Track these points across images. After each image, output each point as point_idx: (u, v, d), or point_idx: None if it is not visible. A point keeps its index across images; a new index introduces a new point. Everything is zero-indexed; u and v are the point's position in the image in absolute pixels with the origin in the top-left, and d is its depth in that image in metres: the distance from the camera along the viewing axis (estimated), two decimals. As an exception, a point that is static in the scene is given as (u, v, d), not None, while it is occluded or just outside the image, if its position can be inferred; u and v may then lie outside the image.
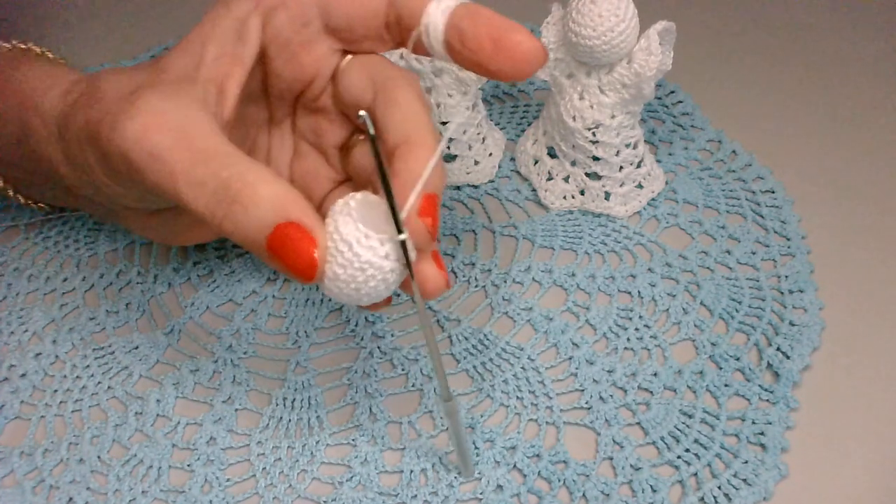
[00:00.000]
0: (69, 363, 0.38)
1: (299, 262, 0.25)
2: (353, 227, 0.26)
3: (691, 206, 0.43)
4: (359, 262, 0.26)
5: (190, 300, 0.40)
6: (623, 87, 0.39)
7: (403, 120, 0.29)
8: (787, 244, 0.41)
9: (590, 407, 0.35)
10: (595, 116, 0.40)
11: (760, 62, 0.52)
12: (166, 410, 0.36)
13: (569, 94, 0.41)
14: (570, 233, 0.42)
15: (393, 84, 0.30)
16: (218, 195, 0.26)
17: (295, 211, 0.26)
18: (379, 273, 0.26)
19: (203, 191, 0.26)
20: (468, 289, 0.40)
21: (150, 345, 0.38)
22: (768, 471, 0.32)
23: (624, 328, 0.38)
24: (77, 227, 0.44)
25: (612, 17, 0.37)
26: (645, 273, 0.40)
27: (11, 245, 0.43)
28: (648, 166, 0.43)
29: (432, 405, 0.35)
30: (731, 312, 0.38)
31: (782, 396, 0.35)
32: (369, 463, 0.34)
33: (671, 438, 0.34)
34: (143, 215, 0.36)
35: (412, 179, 0.27)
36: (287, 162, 0.35)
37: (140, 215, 0.36)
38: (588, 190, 0.42)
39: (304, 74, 0.32)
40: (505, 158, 0.46)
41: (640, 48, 0.38)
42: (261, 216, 0.26)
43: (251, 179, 0.26)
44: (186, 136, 0.27)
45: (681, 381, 0.36)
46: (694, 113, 0.48)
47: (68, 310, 0.40)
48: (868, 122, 0.48)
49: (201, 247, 0.42)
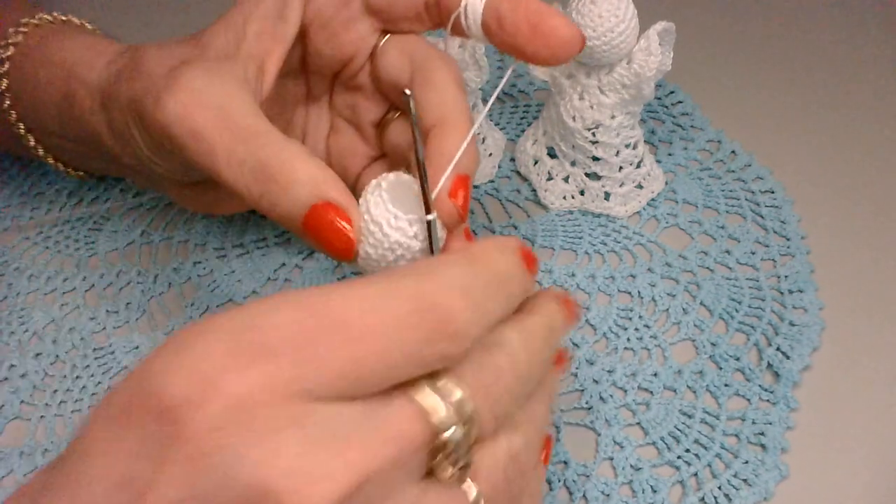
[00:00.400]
0: (69, 363, 0.38)
1: (336, 241, 0.26)
2: (383, 209, 0.26)
3: (691, 207, 0.43)
4: (388, 242, 0.27)
5: (190, 300, 0.40)
6: (623, 87, 0.39)
7: (439, 102, 0.29)
8: (787, 244, 0.41)
9: (590, 407, 0.35)
10: (595, 117, 0.40)
11: (760, 62, 0.52)
12: (166, 410, 0.36)
13: (569, 94, 0.41)
14: (570, 233, 0.42)
15: (431, 65, 0.31)
16: (255, 174, 0.27)
17: (331, 191, 0.26)
18: (408, 253, 0.27)
19: (241, 170, 0.27)
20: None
21: (150, 345, 0.38)
22: (768, 471, 0.32)
23: (624, 328, 0.38)
24: (77, 226, 0.44)
25: (612, 17, 0.37)
26: (645, 273, 0.40)
27: (11, 245, 0.43)
28: (648, 166, 0.43)
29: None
30: (731, 312, 0.38)
31: (782, 396, 0.35)
32: (369, 463, 0.34)
33: (671, 438, 0.34)
34: (183, 185, 0.36)
35: (444, 161, 0.28)
36: (323, 137, 0.35)
37: (181, 185, 0.36)
38: (588, 190, 0.42)
39: (343, 53, 0.32)
40: (505, 158, 0.46)
41: (640, 48, 0.38)
42: (297, 196, 0.26)
43: (288, 158, 0.27)
44: (226, 114, 0.28)
45: (681, 381, 0.36)
46: (694, 113, 0.48)
47: (68, 310, 0.40)
48: (868, 122, 0.48)
49: (202, 246, 0.42)
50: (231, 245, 0.43)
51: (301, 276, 0.41)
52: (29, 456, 0.35)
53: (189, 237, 0.43)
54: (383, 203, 0.27)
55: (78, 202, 0.45)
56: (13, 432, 0.36)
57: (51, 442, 0.35)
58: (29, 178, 0.47)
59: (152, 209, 0.45)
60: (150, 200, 0.45)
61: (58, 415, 0.36)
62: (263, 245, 0.43)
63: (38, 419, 0.36)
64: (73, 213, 0.45)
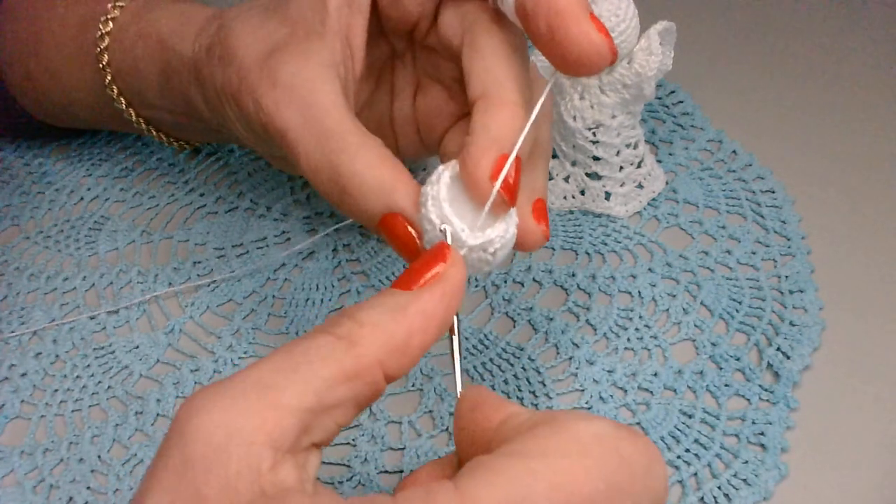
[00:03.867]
0: (70, 363, 0.38)
1: (403, 250, 0.27)
2: (435, 214, 0.26)
3: (692, 206, 0.43)
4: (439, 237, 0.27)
5: (190, 300, 0.40)
6: (624, 87, 0.39)
7: (484, 70, 0.28)
8: (788, 244, 0.41)
9: (590, 407, 0.35)
10: (595, 116, 0.40)
11: (761, 62, 0.52)
12: (166, 410, 0.36)
13: (569, 94, 0.41)
14: (571, 233, 0.42)
15: (480, 28, 0.29)
16: (332, 182, 0.28)
17: (398, 201, 0.27)
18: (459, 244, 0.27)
19: (320, 177, 0.28)
20: (468, 289, 0.40)
21: (150, 344, 0.38)
22: (768, 471, 0.32)
23: (624, 328, 0.38)
24: (77, 226, 0.44)
25: (613, 17, 0.37)
26: (645, 273, 0.40)
27: (11, 245, 0.43)
28: (649, 166, 0.43)
29: (432, 405, 0.35)
30: (732, 312, 0.38)
31: (782, 396, 0.35)
32: (369, 463, 0.34)
33: (671, 438, 0.34)
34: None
35: (487, 140, 0.26)
36: (411, 96, 0.35)
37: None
38: (588, 190, 0.42)
39: (409, 16, 0.32)
40: (505, 158, 0.46)
41: (641, 48, 0.38)
42: (368, 207, 0.27)
43: (359, 169, 0.27)
44: (312, 113, 0.28)
45: (681, 381, 0.36)
46: (694, 113, 0.48)
47: (69, 309, 0.40)
48: (868, 122, 0.48)
49: (202, 246, 0.42)
50: (231, 245, 0.43)
51: (301, 276, 0.41)
52: (29, 455, 0.35)
53: (189, 237, 0.43)
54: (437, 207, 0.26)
55: (78, 202, 0.45)
56: (13, 432, 0.36)
57: (51, 441, 0.35)
58: (29, 177, 0.47)
59: (152, 209, 0.45)
60: (150, 200, 0.45)
61: (58, 414, 0.36)
62: (263, 245, 0.43)
63: (39, 419, 0.36)
64: (73, 213, 0.45)
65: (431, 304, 0.24)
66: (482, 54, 0.28)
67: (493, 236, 0.27)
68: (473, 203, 0.27)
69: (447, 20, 0.30)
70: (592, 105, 0.40)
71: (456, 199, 0.27)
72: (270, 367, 0.22)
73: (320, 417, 0.22)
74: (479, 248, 0.26)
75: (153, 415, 0.36)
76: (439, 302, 0.24)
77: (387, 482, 0.33)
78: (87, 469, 0.34)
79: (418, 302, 0.23)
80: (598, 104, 0.40)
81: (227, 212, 0.44)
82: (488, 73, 0.28)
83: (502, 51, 0.28)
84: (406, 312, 0.23)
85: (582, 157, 0.42)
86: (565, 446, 0.20)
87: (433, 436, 0.35)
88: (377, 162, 0.28)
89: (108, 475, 0.34)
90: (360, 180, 0.27)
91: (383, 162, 0.28)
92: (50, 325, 0.39)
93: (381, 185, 0.27)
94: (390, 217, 0.27)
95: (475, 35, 0.29)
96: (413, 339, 0.23)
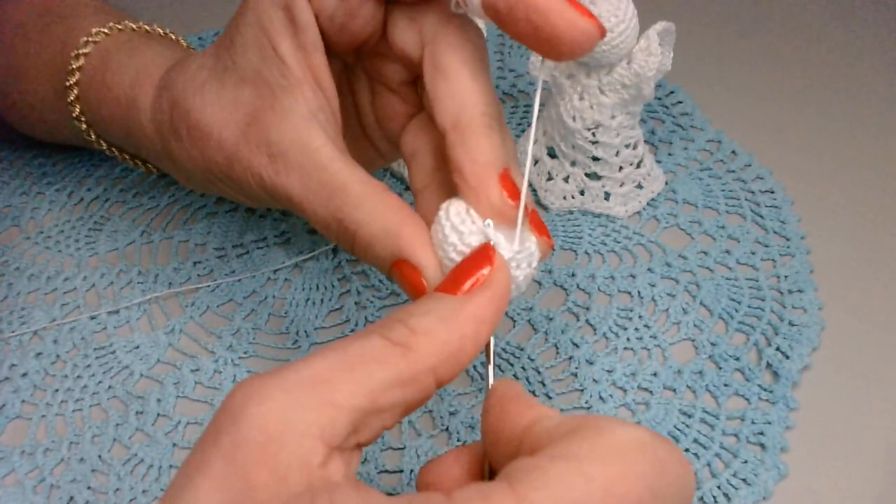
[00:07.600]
0: (70, 363, 0.38)
1: (413, 293, 0.27)
2: (443, 239, 0.27)
3: (691, 207, 0.43)
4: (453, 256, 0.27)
5: (190, 300, 0.40)
6: (623, 87, 0.39)
7: (450, 97, 0.27)
8: (787, 244, 0.41)
9: (590, 407, 0.35)
10: (595, 117, 0.40)
11: (760, 63, 0.52)
12: (167, 410, 0.36)
13: (569, 94, 0.41)
14: (570, 233, 0.42)
15: (441, 43, 0.27)
16: (342, 236, 0.28)
17: (405, 248, 0.27)
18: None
19: (330, 233, 0.29)
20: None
21: (150, 344, 0.38)
22: (768, 471, 0.33)
23: (624, 328, 0.38)
24: (77, 226, 0.44)
25: (612, 17, 0.37)
26: (645, 273, 0.40)
27: (11, 245, 0.43)
28: (648, 166, 0.43)
29: (432, 405, 0.36)
30: (731, 312, 0.38)
31: (782, 396, 0.35)
32: (369, 463, 0.34)
33: (671, 438, 0.34)
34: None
35: (481, 169, 0.26)
36: (369, 103, 0.34)
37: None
38: (588, 190, 0.43)
39: (357, 38, 0.31)
40: (505, 158, 0.46)
41: (640, 48, 0.38)
42: (377, 256, 0.28)
43: (363, 219, 0.28)
44: (308, 173, 0.29)
45: (680, 380, 0.36)
46: (694, 113, 0.48)
47: (69, 309, 0.40)
48: (868, 122, 0.48)
49: (202, 246, 0.43)
50: (231, 245, 0.43)
51: (301, 276, 0.41)
52: (30, 455, 0.35)
53: (189, 237, 0.43)
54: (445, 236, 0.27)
55: (78, 202, 0.45)
56: (14, 431, 0.36)
57: (52, 441, 0.35)
58: (29, 177, 0.47)
59: (152, 209, 0.45)
60: (150, 200, 0.45)
61: (59, 414, 0.36)
62: (263, 245, 0.43)
63: (40, 419, 0.36)
64: (73, 213, 0.45)
65: (482, 310, 0.24)
66: (445, 75, 0.27)
67: (532, 249, 0.27)
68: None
69: (400, 33, 0.29)
70: (592, 105, 0.40)
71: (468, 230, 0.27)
72: (326, 364, 0.22)
73: (370, 419, 0.22)
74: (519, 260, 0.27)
75: (154, 415, 0.36)
76: (488, 306, 0.24)
77: (387, 481, 0.33)
78: (87, 469, 0.34)
79: (469, 307, 0.24)
80: (597, 104, 0.40)
81: (227, 212, 0.44)
82: (454, 100, 0.27)
83: (467, 69, 0.27)
84: (458, 319, 0.23)
85: (581, 158, 0.42)
86: (615, 452, 0.21)
87: (433, 435, 0.35)
88: (380, 209, 0.27)
89: (108, 475, 0.34)
90: (366, 230, 0.27)
91: (386, 208, 0.28)
92: (50, 325, 0.39)
93: (386, 232, 0.27)
94: (399, 263, 0.27)
95: (437, 53, 0.28)
96: (465, 344, 0.23)
